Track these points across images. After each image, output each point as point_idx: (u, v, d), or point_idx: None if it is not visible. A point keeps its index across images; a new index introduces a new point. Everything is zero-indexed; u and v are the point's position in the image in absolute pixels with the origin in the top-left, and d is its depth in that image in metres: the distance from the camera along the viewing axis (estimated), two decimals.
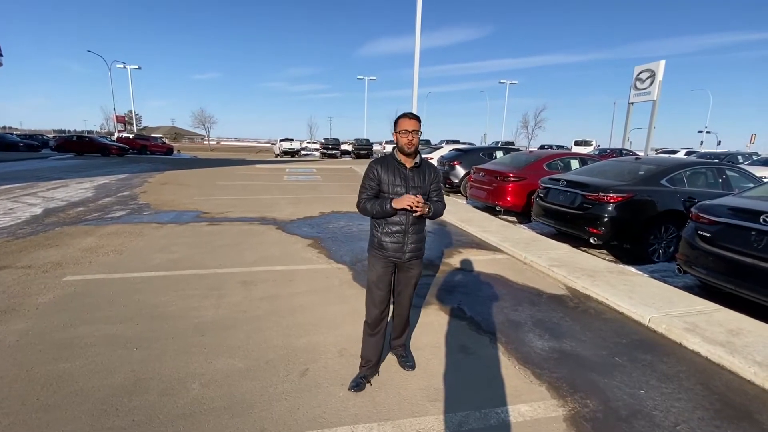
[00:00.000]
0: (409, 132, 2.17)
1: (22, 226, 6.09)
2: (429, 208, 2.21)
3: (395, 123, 2.23)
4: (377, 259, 2.34)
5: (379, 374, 2.51)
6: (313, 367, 2.58)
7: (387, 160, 2.27)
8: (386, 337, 2.53)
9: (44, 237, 5.48)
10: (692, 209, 4.23)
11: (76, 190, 10.02)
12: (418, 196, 2.13)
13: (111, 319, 3.13)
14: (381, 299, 2.36)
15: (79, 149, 24.19)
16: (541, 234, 6.42)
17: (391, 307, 2.51)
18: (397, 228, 2.26)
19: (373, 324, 2.40)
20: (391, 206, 2.16)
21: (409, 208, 2.12)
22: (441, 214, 2.37)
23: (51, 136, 43.01)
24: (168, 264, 4.48)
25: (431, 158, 14.27)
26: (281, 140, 33.96)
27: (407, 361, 2.62)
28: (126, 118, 37.09)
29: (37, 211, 7.26)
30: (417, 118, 2.22)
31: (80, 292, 3.64)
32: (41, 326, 2.99)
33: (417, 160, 2.27)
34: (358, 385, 2.37)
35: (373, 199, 2.25)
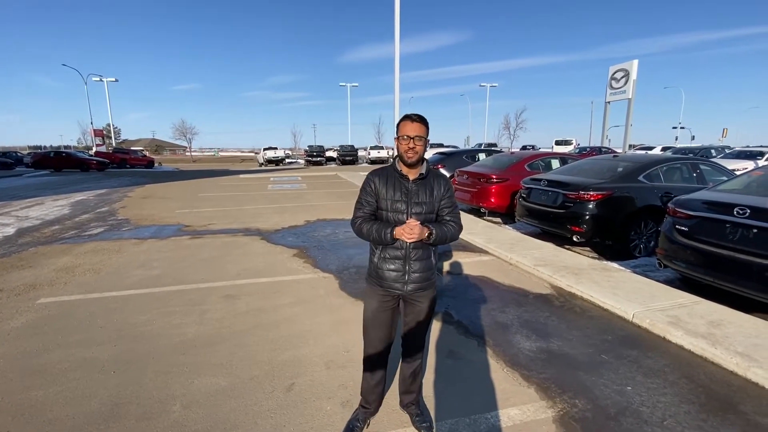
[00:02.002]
0: (411, 138, 1.78)
1: None
2: (430, 233, 1.79)
3: (397, 126, 1.87)
4: (374, 290, 1.97)
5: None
6: (300, 381, 2.52)
7: (387, 171, 1.92)
8: (390, 379, 2.31)
9: (17, 258, 5.28)
10: (669, 204, 4.33)
11: (52, 207, 9.71)
12: (410, 220, 1.78)
13: (87, 341, 3.02)
14: (379, 340, 2.01)
15: (57, 165, 23.35)
16: (525, 234, 6.48)
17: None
18: (397, 253, 1.89)
19: (371, 365, 2.06)
20: (392, 236, 1.80)
21: (410, 240, 1.77)
22: (455, 238, 1.92)
23: (26, 152, 41.77)
24: (148, 281, 4.36)
25: None
26: (265, 149, 33.62)
27: (423, 422, 2.10)
28: (104, 132, 36.25)
29: (10, 231, 6.99)
30: (422, 121, 1.82)
31: (55, 315, 3.50)
32: (13, 352, 2.86)
33: (422, 170, 1.89)
34: (353, 429, 2.06)
35: (371, 220, 1.89)
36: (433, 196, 1.89)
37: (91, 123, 34.09)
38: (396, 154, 1.92)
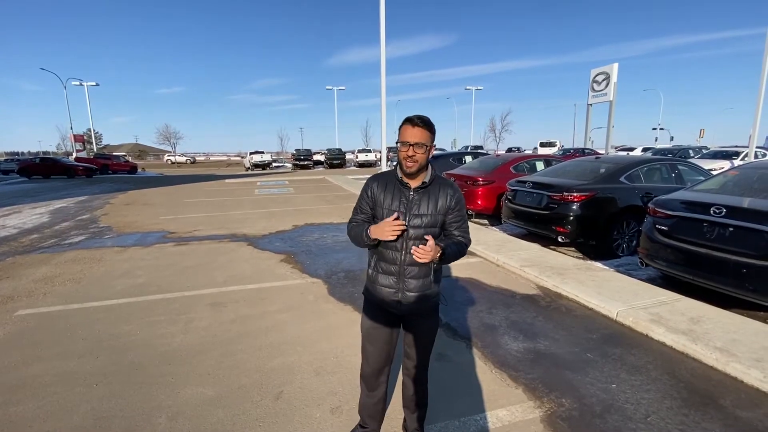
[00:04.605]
0: (411, 145, 1.57)
1: None
2: (442, 253, 1.58)
3: (399, 129, 1.64)
4: (370, 304, 1.81)
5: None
6: (288, 389, 2.50)
7: (387, 177, 1.73)
8: (390, 398, 2.21)
9: None
10: (649, 204, 4.44)
11: (30, 215, 9.44)
12: (396, 222, 1.56)
13: (68, 354, 2.94)
14: (376, 357, 1.82)
15: (45, 172, 22.93)
16: (511, 235, 6.56)
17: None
18: (390, 267, 1.69)
19: (368, 382, 1.89)
20: (367, 234, 1.63)
21: (391, 238, 1.57)
22: (463, 254, 1.73)
23: (2, 158, 40.65)
24: (131, 290, 4.26)
25: None
26: (251, 153, 33.34)
27: None
28: (85, 137, 35.42)
29: None
30: (426, 126, 1.59)
31: (34, 327, 3.39)
32: None
33: (426, 178, 1.67)
34: None
35: (362, 224, 1.74)
36: (437, 207, 1.67)
37: (71, 128, 33.28)
38: (398, 162, 1.71)
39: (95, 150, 38.90)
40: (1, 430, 2.14)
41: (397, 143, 1.64)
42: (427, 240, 1.56)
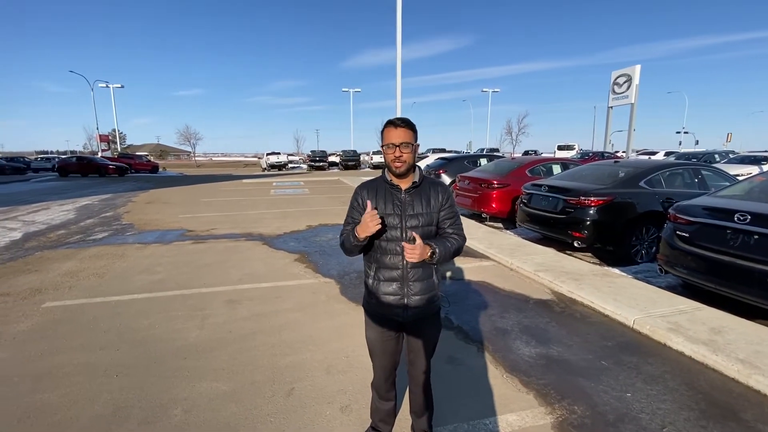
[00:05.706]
0: (397, 146, 1.58)
1: (0, 252, 5.93)
2: (433, 251, 1.58)
3: (381, 133, 1.65)
4: (373, 317, 1.80)
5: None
6: (300, 386, 2.54)
7: (376, 183, 1.73)
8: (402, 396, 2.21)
9: (23, 262, 5.34)
10: (669, 210, 4.32)
11: (58, 212, 9.81)
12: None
13: (91, 345, 3.05)
14: (385, 367, 1.87)
15: (82, 170, 24.83)
16: (526, 239, 6.48)
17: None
18: (393, 273, 1.69)
19: (379, 391, 1.94)
20: (354, 236, 1.61)
21: (375, 228, 1.55)
22: (459, 252, 1.72)
23: (33, 157, 42.44)
24: (151, 285, 4.40)
25: None
26: (268, 154, 33.91)
27: None
28: (110, 137, 36.68)
29: (17, 236, 7.08)
30: (408, 126, 1.61)
31: (60, 319, 3.54)
32: (18, 356, 2.90)
33: (416, 178, 1.69)
34: None
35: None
36: (431, 206, 1.69)
37: (97, 128, 34.56)
38: (386, 166, 1.71)
39: (119, 150, 40.16)
40: (29, 416, 2.24)
41: (382, 147, 1.65)
42: (415, 239, 1.57)
